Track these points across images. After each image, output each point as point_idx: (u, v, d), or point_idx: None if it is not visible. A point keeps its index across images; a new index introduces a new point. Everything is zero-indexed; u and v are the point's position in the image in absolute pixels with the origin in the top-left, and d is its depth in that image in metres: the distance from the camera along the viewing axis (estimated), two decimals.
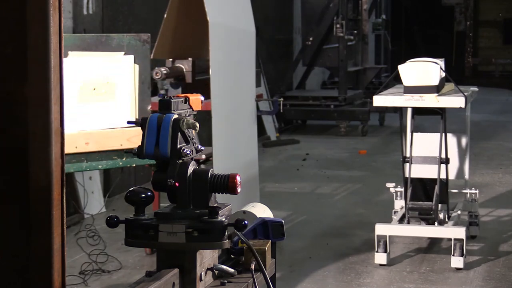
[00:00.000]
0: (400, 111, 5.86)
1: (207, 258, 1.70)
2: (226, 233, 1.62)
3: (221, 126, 5.40)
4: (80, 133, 4.26)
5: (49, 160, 1.82)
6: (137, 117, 4.45)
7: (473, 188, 6.17)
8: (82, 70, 4.42)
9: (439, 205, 5.67)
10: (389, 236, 5.50)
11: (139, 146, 1.68)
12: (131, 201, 1.65)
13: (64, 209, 1.87)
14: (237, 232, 1.72)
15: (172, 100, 1.84)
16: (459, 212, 5.91)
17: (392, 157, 9.19)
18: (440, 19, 19.97)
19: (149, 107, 4.52)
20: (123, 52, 4.54)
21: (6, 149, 1.83)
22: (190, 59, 5.78)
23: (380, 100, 5.61)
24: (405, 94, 5.52)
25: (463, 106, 5.44)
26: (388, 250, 5.47)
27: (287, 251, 5.74)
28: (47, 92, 1.81)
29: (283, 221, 1.90)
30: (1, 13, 1.81)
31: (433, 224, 5.61)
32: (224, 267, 1.74)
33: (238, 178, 1.68)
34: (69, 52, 4.42)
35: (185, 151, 1.68)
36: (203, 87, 5.25)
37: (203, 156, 5.67)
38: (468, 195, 6.08)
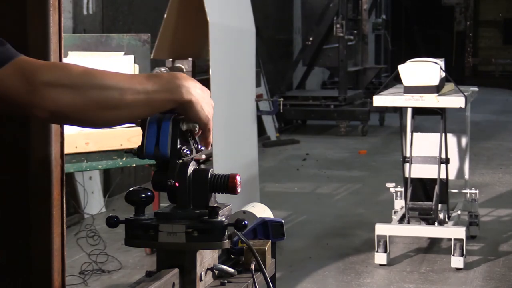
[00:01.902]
0: (400, 111, 5.87)
1: (207, 258, 1.70)
2: (226, 233, 1.62)
3: (221, 126, 5.40)
4: (80, 133, 4.25)
5: (49, 160, 1.82)
6: None
7: (473, 188, 6.17)
8: None
9: (439, 205, 5.67)
10: (389, 236, 5.50)
11: (139, 146, 1.68)
12: (131, 201, 1.65)
13: (64, 209, 1.86)
14: (237, 232, 1.72)
15: None
16: (459, 212, 5.91)
17: (392, 157, 9.19)
18: (440, 19, 19.97)
19: None
20: (123, 52, 4.54)
21: (6, 149, 1.83)
22: (190, 59, 5.78)
23: (380, 100, 5.61)
24: (405, 94, 5.53)
25: (463, 106, 5.44)
26: (388, 250, 5.47)
27: (287, 251, 5.74)
28: None
29: (283, 221, 1.90)
30: (1, 13, 1.81)
31: (433, 224, 5.61)
32: (224, 267, 1.74)
33: (238, 178, 1.68)
34: (69, 52, 4.42)
35: (185, 151, 1.67)
36: None
37: (203, 156, 5.67)
38: (468, 195, 6.08)
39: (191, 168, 1.67)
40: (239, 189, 1.68)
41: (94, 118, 1.57)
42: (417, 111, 5.84)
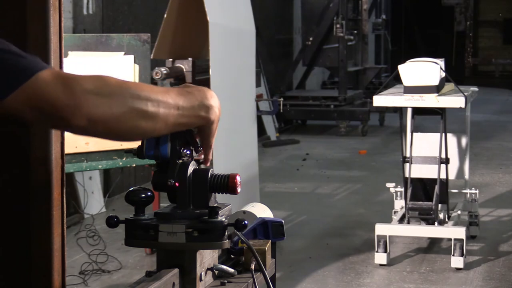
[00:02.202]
0: (400, 111, 5.87)
1: (207, 258, 1.70)
2: (226, 233, 1.62)
3: (221, 126, 5.39)
4: None
5: (49, 160, 1.82)
6: None
7: (473, 188, 6.17)
8: (82, 70, 4.42)
9: (439, 205, 5.67)
10: (389, 236, 5.51)
11: (139, 146, 1.68)
12: (131, 201, 1.65)
13: (64, 209, 1.86)
14: (237, 232, 1.72)
15: None
16: (459, 212, 5.91)
17: (392, 157, 9.19)
18: (440, 19, 19.97)
19: None
20: (123, 52, 4.54)
21: (6, 149, 1.83)
22: (190, 59, 5.78)
23: (380, 100, 5.62)
24: (405, 94, 5.53)
25: (463, 106, 5.44)
26: (388, 250, 5.47)
27: (287, 251, 5.74)
28: None
29: (283, 221, 1.90)
30: (1, 13, 1.81)
31: (433, 224, 5.61)
32: (224, 267, 1.74)
33: (238, 178, 1.68)
34: (69, 52, 4.42)
35: (185, 151, 1.68)
36: None
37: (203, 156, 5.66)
38: (468, 195, 6.08)
39: (191, 168, 1.67)
40: (239, 189, 1.68)
41: (131, 128, 1.55)
42: (417, 111, 5.84)
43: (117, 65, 4.50)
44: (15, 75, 1.49)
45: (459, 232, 5.40)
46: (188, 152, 1.69)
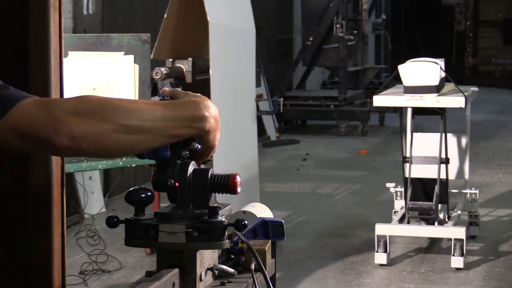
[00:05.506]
0: (400, 111, 5.87)
1: (207, 258, 1.70)
2: (226, 233, 1.62)
3: (221, 126, 5.39)
4: None
5: (49, 160, 1.82)
6: None
7: (473, 188, 6.17)
8: (82, 70, 4.42)
9: (439, 205, 5.67)
10: (389, 236, 5.51)
11: None
12: (131, 201, 1.65)
13: (64, 209, 1.87)
14: (237, 232, 1.72)
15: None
16: (459, 212, 5.91)
17: (392, 157, 9.19)
18: (440, 19, 19.97)
19: None
20: (123, 52, 4.54)
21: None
22: (190, 59, 5.78)
23: (380, 100, 5.62)
24: (405, 94, 5.53)
25: (463, 106, 5.44)
26: (388, 250, 5.47)
27: (287, 251, 5.74)
28: (47, 92, 1.81)
29: (283, 221, 1.90)
30: (1, 13, 1.81)
31: (433, 224, 5.62)
32: (224, 267, 1.74)
33: (238, 178, 1.68)
34: (69, 52, 4.42)
35: (185, 151, 1.68)
36: (203, 87, 5.25)
37: None
38: (468, 195, 6.08)
39: (191, 168, 1.67)
40: (239, 189, 1.68)
41: (116, 143, 1.56)
42: (417, 111, 5.84)
43: (117, 65, 4.50)
44: (1, 105, 1.53)
45: (459, 232, 5.40)
46: (188, 152, 1.69)
